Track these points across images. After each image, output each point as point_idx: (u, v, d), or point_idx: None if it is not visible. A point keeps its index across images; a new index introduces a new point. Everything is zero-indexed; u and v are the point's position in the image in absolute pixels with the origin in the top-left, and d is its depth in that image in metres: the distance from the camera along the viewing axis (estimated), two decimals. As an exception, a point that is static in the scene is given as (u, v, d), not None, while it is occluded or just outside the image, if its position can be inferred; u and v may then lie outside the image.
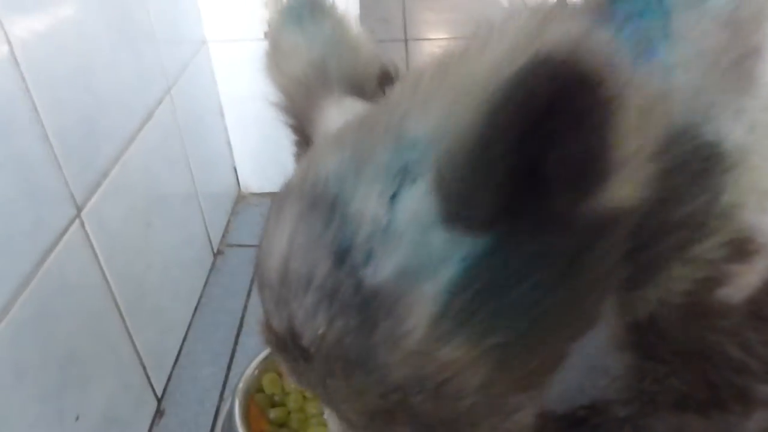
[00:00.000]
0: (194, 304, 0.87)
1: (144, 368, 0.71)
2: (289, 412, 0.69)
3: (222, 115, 0.98)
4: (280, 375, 0.71)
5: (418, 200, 0.29)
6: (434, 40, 1.65)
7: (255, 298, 0.88)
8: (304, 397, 0.70)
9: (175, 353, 0.80)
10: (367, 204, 0.30)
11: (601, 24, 0.35)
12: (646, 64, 0.35)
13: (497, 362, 0.31)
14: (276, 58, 0.43)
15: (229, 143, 1.01)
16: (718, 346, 0.40)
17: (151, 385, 0.73)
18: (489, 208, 0.28)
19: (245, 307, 0.87)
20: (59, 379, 0.54)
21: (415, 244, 0.29)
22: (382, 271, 0.29)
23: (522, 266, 0.29)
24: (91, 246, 0.59)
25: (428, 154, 0.29)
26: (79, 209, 0.57)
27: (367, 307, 0.30)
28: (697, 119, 0.35)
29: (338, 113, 0.39)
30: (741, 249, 0.37)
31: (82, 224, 0.57)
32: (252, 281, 0.91)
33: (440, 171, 0.28)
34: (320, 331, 0.30)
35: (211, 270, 0.93)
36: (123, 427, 0.66)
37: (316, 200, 0.32)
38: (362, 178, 0.31)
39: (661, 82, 0.34)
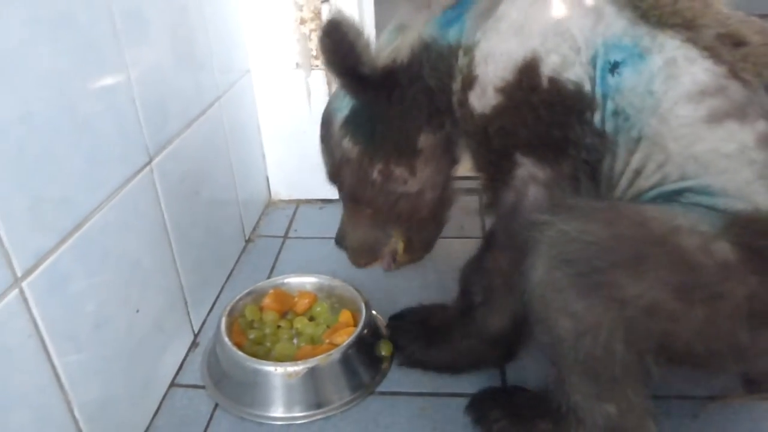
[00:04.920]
0: (227, 274, 1.06)
1: (186, 305, 0.90)
2: (264, 334, 0.89)
3: (259, 131, 1.21)
4: (260, 309, 0.92)
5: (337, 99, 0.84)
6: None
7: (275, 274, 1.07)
8: (278, 326, 0.90)
9: (209, 307, 0.99)
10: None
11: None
12: (455, 24, 0.73)
13: (362, 148, 0.81)
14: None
15: (263, 154, 1.24)
16: (479, 134, 0.72)
17: (190, 321, 0.91)
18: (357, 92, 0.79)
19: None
20: (129, 275, 0.73)
21: (339, 99, 0.83)
22: (330, 108, 0.85)
23: (363, 113, 0.80)
24: (156, 190, 0.80)
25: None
26: (151, 159, 0.79)
27: (327, 120, 0.85)
28: (465, 39, 0.72)
29: None
30: (469, 82, 0.71)
31: (152, 171, 0.79)
32: (274, 265, 1.10)
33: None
34: (322, 133, 0.86)
35: (242, 252, 1.13)
36: (167, 340, 0.84)
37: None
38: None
39: (457, 30, 0.72)
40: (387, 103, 0.77)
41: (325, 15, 1.09)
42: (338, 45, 0.72)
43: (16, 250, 0.55)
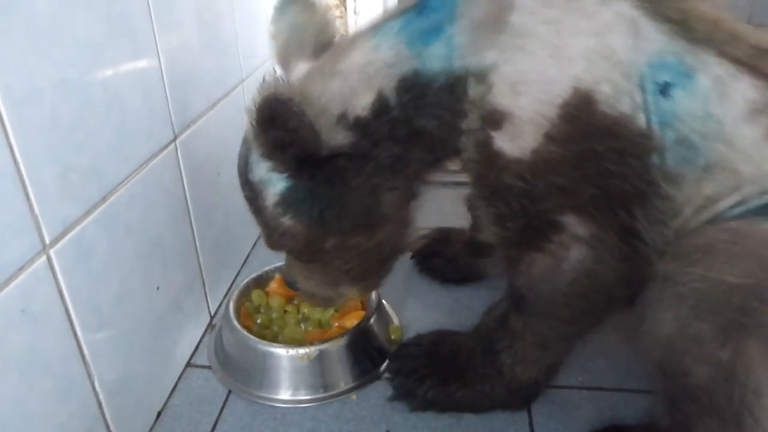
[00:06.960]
0: (244, 257, 1.06)
1: (204, 286, 0.89)
2: (271, 318, 0.88)
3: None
4: (266, 293, 0.92)
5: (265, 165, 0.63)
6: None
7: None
8: (285, 311, 0.90)
9: (226, 290, 0.98)
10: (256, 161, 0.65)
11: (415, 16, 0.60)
12: (435, 40, 0.59)
13: (308, 227, 0.65)
14: (272, 37, 0.71)
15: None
16: (515, 188, 0.59)
17: (208, 303, 0.91)
18: (289, 171, 0.61)
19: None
20: (151, 251, 0.73)
21: (265, 168, 0.63)
22: (254, 177, 0.65)
23: (306, 190, 0.63)
24: (180, 167, 0.80)
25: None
26: (176, 136, 0.78)
27: (253, 188, 0.66)
28: (468, 61, 0.58)
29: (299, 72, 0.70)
30: (494, 120, 0.58)
31: (176, 148, 0.78)
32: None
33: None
34: (246, 194, 0.68)
35: (258, 235, 1.12)
36: (185, 320, 0.84)
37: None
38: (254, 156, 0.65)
39: (444, 48, 0.59)
40: (342, 182, 0.63)
41: (350, 1, 1.09)
42: (294, 132, 0.55)
43: (45, 216, 0.55)
